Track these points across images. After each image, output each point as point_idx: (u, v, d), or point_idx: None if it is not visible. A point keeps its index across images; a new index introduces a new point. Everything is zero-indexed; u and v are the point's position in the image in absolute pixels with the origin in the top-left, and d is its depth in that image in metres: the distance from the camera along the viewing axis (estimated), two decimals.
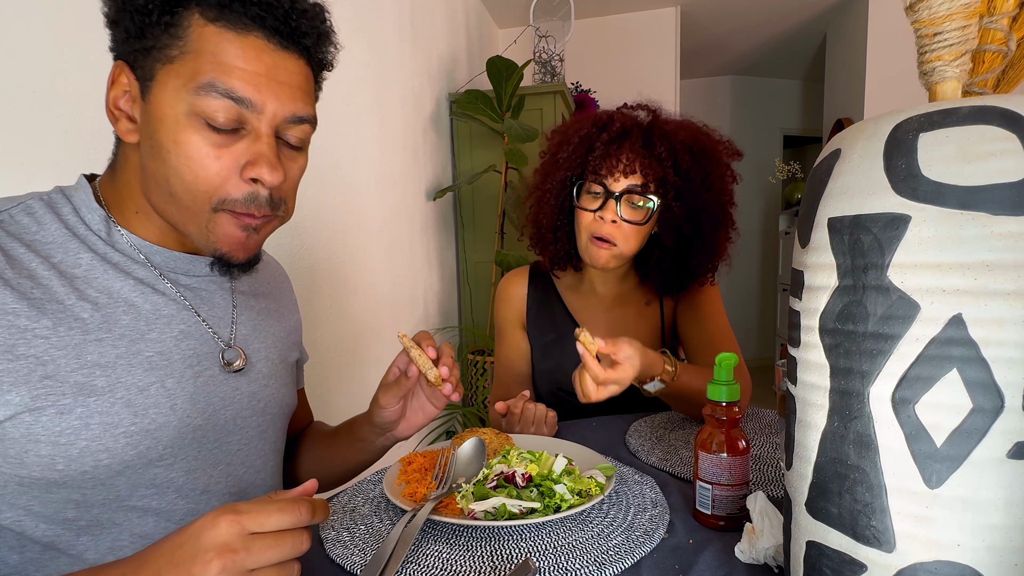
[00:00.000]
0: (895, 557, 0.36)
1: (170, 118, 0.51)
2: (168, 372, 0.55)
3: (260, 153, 0.53)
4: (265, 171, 0.53)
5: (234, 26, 0.50)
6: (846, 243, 0.38)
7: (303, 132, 0.57)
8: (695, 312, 1.08)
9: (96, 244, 0.54)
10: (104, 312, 0.52)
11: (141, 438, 0.52)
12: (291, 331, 0.74)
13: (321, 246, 1.65)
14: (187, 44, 0.50)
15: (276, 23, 0.52)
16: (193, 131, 0.51)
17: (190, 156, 0.51)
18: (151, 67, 0.51)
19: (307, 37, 0.55)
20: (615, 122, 1.00)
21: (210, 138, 0.51)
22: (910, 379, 0.35)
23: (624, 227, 0.96)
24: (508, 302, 1.16)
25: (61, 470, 0.49)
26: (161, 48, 0.50)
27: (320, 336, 1.65)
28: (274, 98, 0.53)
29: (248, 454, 0.63)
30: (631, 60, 3.48)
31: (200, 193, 0.52)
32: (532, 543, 0.57)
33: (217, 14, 0.50)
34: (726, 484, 0.59)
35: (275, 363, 0.67)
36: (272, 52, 0.52)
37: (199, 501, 0.57)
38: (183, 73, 0.50)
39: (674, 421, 0.96)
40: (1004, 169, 0.33)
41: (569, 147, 1.02)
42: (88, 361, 0.50)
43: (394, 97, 2.11)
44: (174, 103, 0.50)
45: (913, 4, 0.41)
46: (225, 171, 0.52)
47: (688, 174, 0.96)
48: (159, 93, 0.51)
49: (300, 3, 0.54)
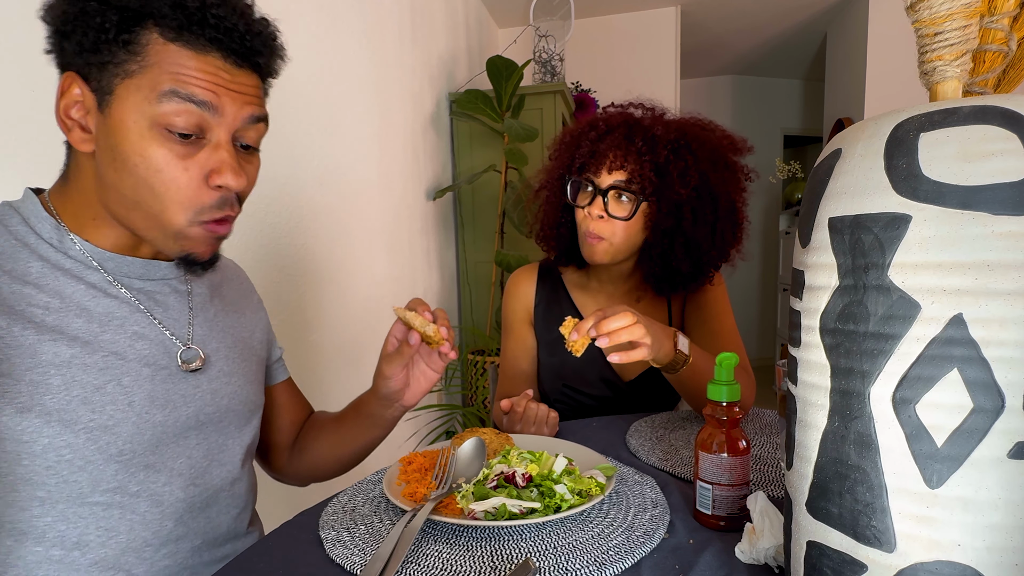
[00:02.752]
0: (896, 557, 0.36)
1: (134, 131, 0.52)
2: (124, 371, 0.56)
3: (223, 160, 0.55)
4: (230, 178, 0.55)
5: (192, 46, 0.52)
6: (847, 243, 0.38)
7: (258, 132, 0.60)
8: (701, 312, 1.08)
9: (47, 252, 0.55)
10: (57, 315, 0.53)
11: (100, 434, 0.53)
12: (254, 329, 0.75)
13: (321, 246, 1.65)
14: (146, 60, 0.51)
15: (234, 45, 0.54)
16: (158, 144, 0.52)
17: (159, 169, 0.52)
18: (109, 81, 0.52)
19: (261, 56, 0.57)
20: (602, 119, 1.02)
21: (175, 149, 0.53)
22: (911, 379, 0.35)
23: (612, 222, 0.97)
24: (517, 298, 1.17)
25: (26, 465, 0.50)
26: (119, 63, 0.51)
27: (320, 336, 1.65)
28: (231, 102, 0.55)
29: (210, 448, 0.63)
30: (631, 60, 3.48)
31: (173, 205, 0.54)
32: (532, 543, 0.57)
33: (176, 35, 0.51)
34: (727, 484, 0.59)
35: (236, 361, 0.68)
36: (230, 69, 0.55)
37: (162, 494, 0.58)
38: (143, 86, 0.51)
39: (674, 421, 0.96)
40: (1005, 169, 0.32)
41: (564, 146, 1.06)
42: (42, 360, 0.51)
43: (394, 97, 2.11)
44: (136, 116, 0.51)
45: (914, 4, 0.41)
46: (194, 182, 0.54)
47: (665, 168, 0.96)
48: (119, 107, 0.52)
49: (255, 26, 0.56)
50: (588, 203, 0.99)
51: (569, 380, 1.12)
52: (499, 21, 3.45)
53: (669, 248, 0.99)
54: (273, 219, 1.44)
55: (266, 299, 1.41)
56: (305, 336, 1.59)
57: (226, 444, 0.66)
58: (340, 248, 1.75)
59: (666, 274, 1.02)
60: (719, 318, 1.06)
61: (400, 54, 2.15)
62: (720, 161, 1.00)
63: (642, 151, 0.96)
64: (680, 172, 0.96)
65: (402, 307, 0.68)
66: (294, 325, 1.54)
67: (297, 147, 1.53)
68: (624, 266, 1.08)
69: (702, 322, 1.08)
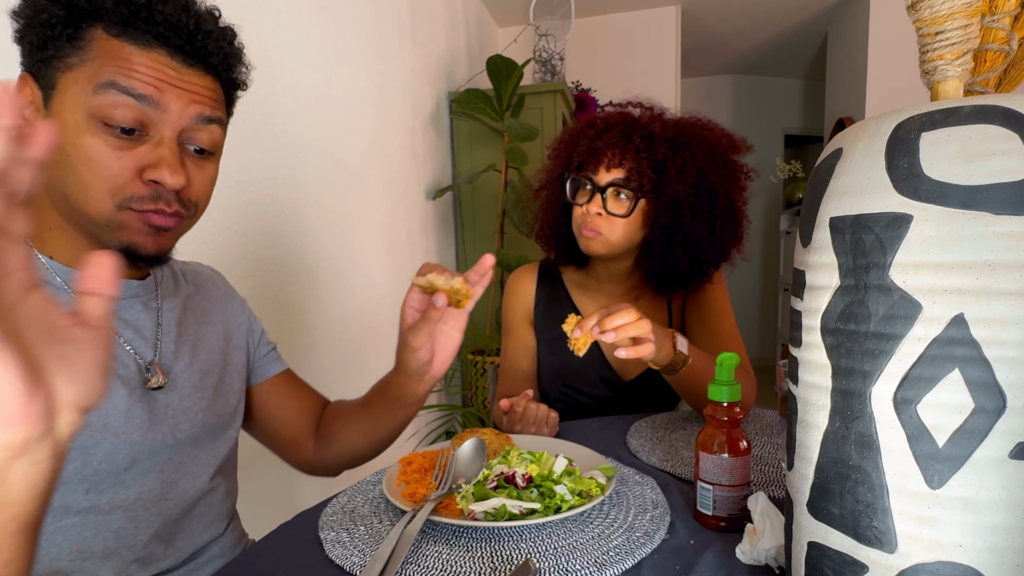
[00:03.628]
0: (897, 558, 0.36)
1: (70, 123, 0.50)
2: None
3: (161, 157, 0.53)
4: (166, 174, 0.53)
5: (137, 42, 0.51)
6: (848, 243, 0.38)
7: (211, 134, 0.58)
8: (701, 312, 1.08)
9: None
10: None
11: (76, 454, 0.52)
12: (232, 334, 0.73)
13: (321, 246, 1.65)
14: (88, 53, 0.50)
15: (180, 42, 0.53)
16: (92, 134, 0.51)
17: (89, 158, 0.51)
18: (52, 75, 0.51)
19: (213, 56, 0.56)
20: (600, 118, 1.03)
21: (110, 141, 0.51)
22: (912, 379, 0.35)
23: (610, 219, 0.98)
24: (517, 297, 1.17)
25: None
26: (62, 57, 0.50)
27: (320, 336, 1.65)
28: (176, 99, 0.53)
29: (182, 462, 0.63)
30: (631, 59, 3.48)
31: (100, 191, 0.52)
32: (532, 544, 0.57)
33: (121, 31, 0.51)
34: (727, 485, 0.59)
35: (210, 375, 0.67)
36: (177, 67, 0.53)
37: (135, 508, 0.58)
38: (82, 77, 0.50)
39: (675, 422, 0.96)
40: (1006, 168, 0.32)
41: (563, 145, 1.07)
42: None
43: (394, 96, 2.11)
44: (73, 108, 0.50)
45: (915, 3, 0.41)
46: (126, 172, 0.52)
47: (663, 166, 0.96)
48: (59, 100, 0.51)
49: (204, 24, 0.54)
50: (587, 201, 0.99)
51: (569, 380, 1.12)
52: (499, 20, 3.44)
53: (668, 246, 0.99)
54: (272, 219, 1.44)
55: (266, 299, 1.42)
56: (305, 336, 1.59)
57: (199, 456, 0.65)
58: (340, 248, 1.75)
59: (665, 272, 1.02)
60: (719, 318, 1.06)
61: (400, 54, 2.15)
62: (719, 159, 1.00)
63: (640, 148, 0.96)
64: (678, 169, 0.96)
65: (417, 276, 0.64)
66: (294, 325, 1.54)
67: (297, 147, 1.53)
68: (623, 265, 1.08)
69: (702, 322, 1.08)
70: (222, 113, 0.59)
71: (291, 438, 0.81)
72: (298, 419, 0.81)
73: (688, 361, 0.87)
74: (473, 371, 2.37)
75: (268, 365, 0.80)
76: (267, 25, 1.39)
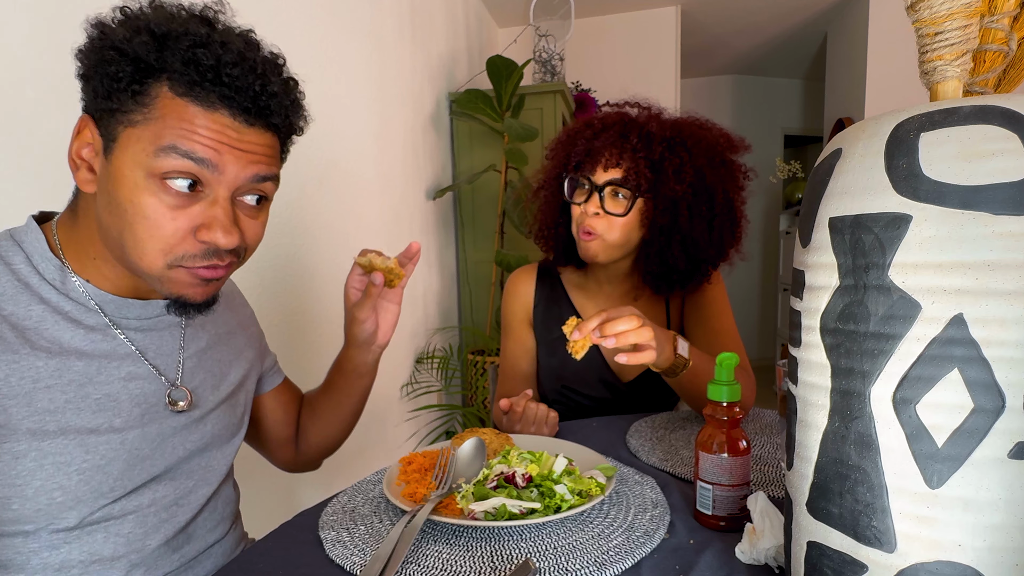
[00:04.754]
0: (896, 557, 0.36)
1: (129, 179, 0.51)
2: (116, 412, 0.56)
3: (215, 217, 0.54)
4: (220, 235, 0.54)
5: (201, 102, 0.51)
6: (847, 243, 0.38)
7: (265, 190, 0.58)
8: (700, 312, 1.08)
9: (49, 294, 0.55)
10: (57, 360, 0.53)
11: (93, 474, 0.54)
12: (243, 349, 0.75)
13: (321, 246, 1.65)
14: (152, 112, 0.51)
15: (245, 103, 0.53)
16: (150, 194, 0.51)
17: (146, 216, 0.52)
18: (114, 128, 0.52)
19: (275, 116, 0.56)
20: (597, 119, 1.03)
21: (166, 200, 0.52)
22: (911, 379, 0.35)
23: (608, 219, 0.98)
24: (516, 298, 1.17)
25: (16, 509, 0.51)
26: (126, 112, 0.51)
27: (319, 336, 1.65)
28: (235, 161, 0.54)
29: (193, 471, 0.65)
30: (631, 59, 3.48)
31: (154, 250, 0.53)
32: (532, 543, 0.57)
33: (186, 90, 0.51)
34: (727, 484, 0.59)
35: (222, 388, 0.69)
36: (238, 128, 0.53)
37: (146, 515, 0.59)
38: (144, 136, 0.51)
39: (675, 422, 0.96)
40: (1005, 168, 0.32)
41: (561, 145, 1.06)
42: (38, 408, 0.52)
43: (394, 96, 2.11)
44: (133, 165, 0.51)
45: (914, 3, 0.41)
46: (180, 232, 0.53)
47: (660, 165, 0.96)
48: (120, 154, 0.52)
49: (270, 85, 0.54)
50: (585, 200, 0.99)
51: (568, 381, 1.12)
52: (499, 21, 3.44)
53: (666, 246, 0.99)
54: (273, 219, 1.44)
55: (266, 299, 1.42)
56: (305, 336, 1.59)
57: (211, 466, 0.67)
58: (340, 248, 1.75)
59: (664, 272, 1.01)
60: (718, 317, 1.06)
61: (400, 54, 2.15)
62: (716, 158, 1.00)
63: (637, 148, 0.96)
64: (675, 169, 0.96)
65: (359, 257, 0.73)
66: (294, 325, 1.54)
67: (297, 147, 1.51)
68: (622, 266, 1.08)
69: (701, 321, 1.07)
70: (277, 169, 0.60)
71: (282, 439, 0.85)
72: (286, 423, 0.85)
73: (689, 364, 0.86)
74: (473, 371, 2.37)
75: (272, 376, 0.83)
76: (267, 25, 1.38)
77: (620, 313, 0.77)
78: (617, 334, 0.75)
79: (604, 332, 0.75)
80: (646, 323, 0.77)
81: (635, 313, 0.77)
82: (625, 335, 0.75)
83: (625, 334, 0.75)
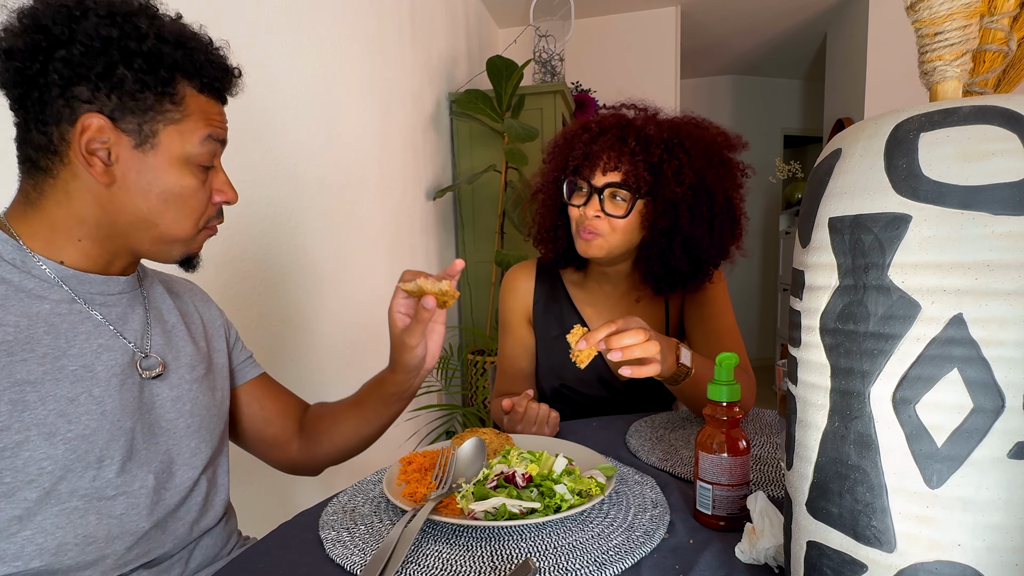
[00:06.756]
0: (896, 557, 0.36)
1: (175, 167, 0.61)
2: (94, 382, 0.59)
3: (224, 182, 0.67)
4: (231, 195, 0.67)
5: (211, 95, 0.65)
6: (847, 243, 0.38)
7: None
8: (700, 311, 1.08)
9: (9, 273, 0.57)
10: (26, 333, 0.56)
11: (78, 443, 0.56)
12: (211, 335, 0.78)
13: (321, 246, 1.65)
14: (185, 108, 0.61)
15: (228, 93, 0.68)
16: (192, 176, 0.62)
17: (187, 196, 0.62)
18: (153, 126, 0.60)
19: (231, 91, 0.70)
20: (594, 121, 1.02)
21: (200, 178, 0.63)
22: (911, 379, 0.35)
23: (608, 220, 0.98)
24: (515, 295, 1.16)
25: (8, 482, 0.52)
26: (163, 111, 0.60)
27: (320, 336, 1.65)
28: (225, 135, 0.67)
29: (180, 452, 0.67)
30: (631, 60, 3.48)
31: (190, 221, 0.64)
32: (532, 543, 0.57)
33: (203, 87, 0.63)
34: (726, 484, 0.59)
35: (196, 368, 0.71)
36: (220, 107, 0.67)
37: (138, 495, 0.61)
38: (186, 130, 0.61)
39: (674, 421, 0.96)
40: (1005, 169, 0.32)
41: (558, 148, 1.06)
42: (17, 379, 0.53)
43: (394, 97, 2.11)
44: (180, 155, 0.61)
45: (914, 4, 0.41)
46: (206, 200, 0.65)
47: (659, 167, 0.96)
48: (164, 149, 0.60)
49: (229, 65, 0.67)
50: (584, 203, 0.99)
51: (567, 380, 1.12)
52: (499, 21, 3.45)
53: (667, 247, 0.99)
54: (273, 219, 1.44)
55: (266, 298, 1.42)
56: (305, 336, 1.59)
57: (194, 445, 0.68)
58: (340, 248, 1.75)
59: (665, 273, 1.01)
60: (719, 317, 1.06)
61: (400, 54, 2.15)
62: (715, 158, 1.00)
63: (635, 151, 0.96)
64: (675, 171, 0.95)
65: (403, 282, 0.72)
66: (294, 324, 1.54)
67: (297, 147, 1.53)
68: (622, 266, 1.08)
69: (702, 321, 1.07)
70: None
71: (274, 437, 0.85)
72: (280, 419, 0.85)
73: (691, 373, 0.86)
74: (473, 371, 2.38)
75: (246, 369, 0.84)
76: (267, 26, 1.39)
77: (628, 325, 0.76)
78: (624, 347, 0.74)
79: (610, 345, 0.74)
80: (652, 336, 0.76)
81: (642, 326, 0.77)
82: (631, 349, 0.74)
83: (631, 348, 0.74)
